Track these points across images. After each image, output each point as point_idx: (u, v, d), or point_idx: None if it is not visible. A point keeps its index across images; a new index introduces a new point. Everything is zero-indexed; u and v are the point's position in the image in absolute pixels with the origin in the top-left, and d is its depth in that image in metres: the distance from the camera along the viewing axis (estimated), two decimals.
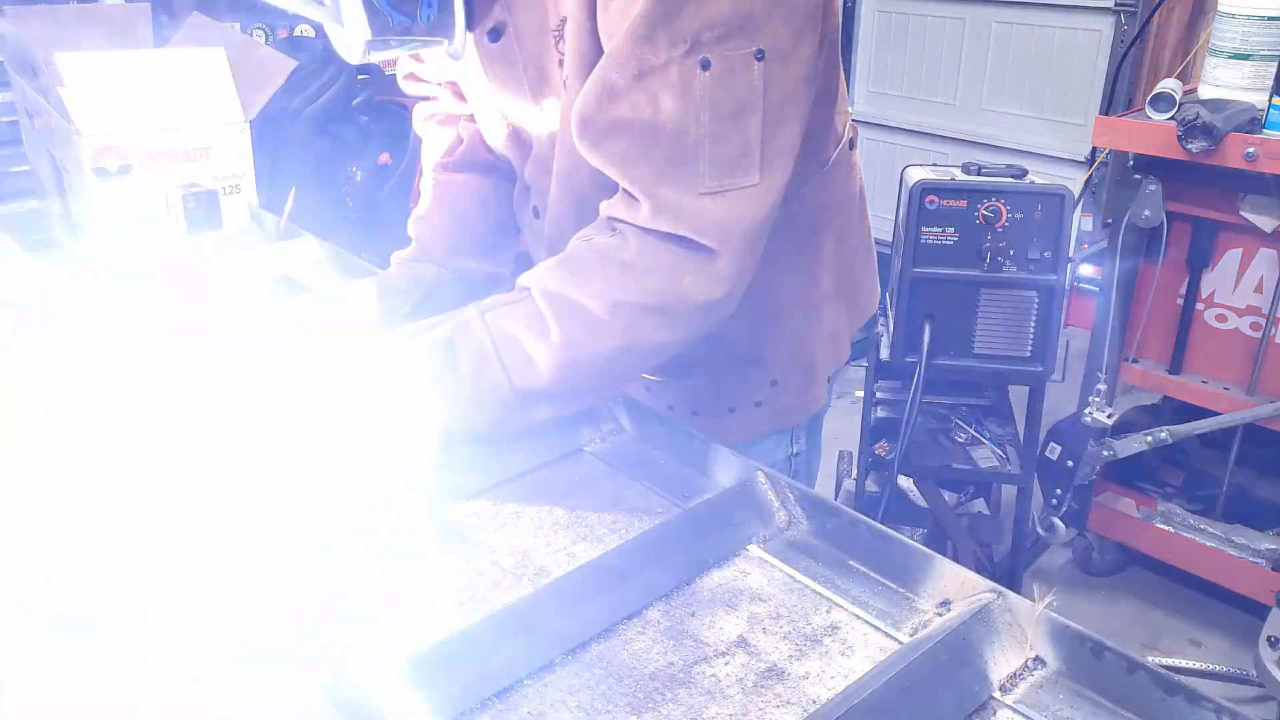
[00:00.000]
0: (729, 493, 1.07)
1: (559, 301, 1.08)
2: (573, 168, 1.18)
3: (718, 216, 1.05)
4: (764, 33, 1.01)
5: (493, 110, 1.33)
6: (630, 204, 1.08)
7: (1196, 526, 2.76)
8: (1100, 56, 3.82)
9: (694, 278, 1.07)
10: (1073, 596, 2.91)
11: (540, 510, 1.08)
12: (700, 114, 1.02)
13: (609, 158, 1.08)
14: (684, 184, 1.04)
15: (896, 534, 0.97)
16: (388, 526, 1.04)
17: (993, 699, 0.83)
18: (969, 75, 4.32)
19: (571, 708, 0.82)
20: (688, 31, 0.99)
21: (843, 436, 2.94)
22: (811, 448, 1.49)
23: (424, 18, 1.10)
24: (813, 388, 1.40)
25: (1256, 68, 2.33)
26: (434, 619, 0.91)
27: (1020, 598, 0.87)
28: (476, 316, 1.11)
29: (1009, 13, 4.12)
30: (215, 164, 1.85)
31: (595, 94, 1.06)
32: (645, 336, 1.09)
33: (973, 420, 2.72)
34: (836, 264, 1.37)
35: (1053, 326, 2.42)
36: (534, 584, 0.96)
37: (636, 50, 1.01)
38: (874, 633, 0.91)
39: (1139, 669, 0.81)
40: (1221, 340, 2.64)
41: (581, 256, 1.11)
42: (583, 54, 1.09)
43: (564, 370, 1.08)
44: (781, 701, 0.82)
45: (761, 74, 1.02)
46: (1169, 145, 2.34)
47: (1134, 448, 2.68)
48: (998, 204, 2.34)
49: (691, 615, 0.93)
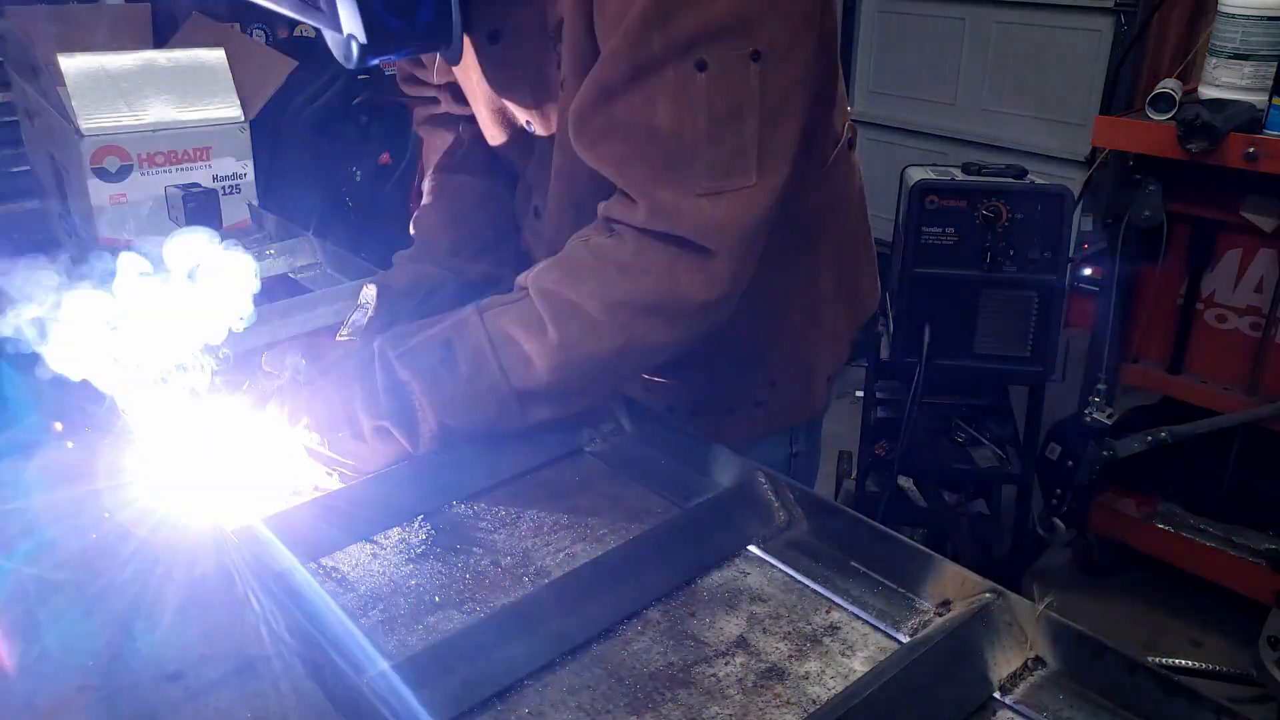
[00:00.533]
0: (729, 493, 1.07)
1: (556, 301, 1.08)
2: (570, 168, 1.18)
3: (714, 217, 1.05)
4: (760, 33, 1.01)
5: (493, 112, 1.33)
6: (627, 205, 1.08)
7: (1196, 526, 2.76)
8: (1100, 56, 3.82)
9: (691, 278, 1.07)
10: (1073, 596, 2.91)
11: (540, 510, 1.08)
12: (696, 115, 1.02)
13: (605, 159, 1.08)
14: (681, 185, 1.04)
15: (896, 534, 0.97)
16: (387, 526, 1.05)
17: (993, 699, 0.83)
18: (969, 75, 4.32)
19: (571, 708, 0.82)
20: (683, 33, 0.99)
21: (843, 436, 2.94)
22: (811, 449, 1.49)
23: (421, 23, 1.10)
24: (813, 387, 1.40)
25: (1256, 68, 2.33)
26: (434, 619, 0.91)
27: (1020, 598, 0.87)
28: (474, 316, 1.11)
29: (1009, 13, 4.12)
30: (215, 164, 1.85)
31: (591, 95, 1.06)
32: (643, 337, 1.09)
33: (973, 420, 2.73)
34: (836, 264, 1.37)
35: (1053, 326, 2.42)
36: (534, 584, 0.96)
37: (632, 51, 1.01)
38: (874, 633, 0.91)
39: (1139, 669, 0.81)
40: (1221, 340, 2.64)
41: (579, 257, 1.11)
42: (579, 55, 1.09)
43: (561, 370, 1.08)
44: (781, 701, 0.82)
45: (758, 75, 1.02)
46: (1169, 145, 2.34)
47: (1134, 448, 2.68)
48: (998, 204, 2.34)
49: (691, 615, 0.93)
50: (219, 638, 0.89)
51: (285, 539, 0.96)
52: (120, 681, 0.84)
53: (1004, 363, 2.46)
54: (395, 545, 1.02)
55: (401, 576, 0.97)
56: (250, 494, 1.09)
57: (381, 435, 1.10)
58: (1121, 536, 2.91)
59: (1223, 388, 2.64)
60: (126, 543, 1.00)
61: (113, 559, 0.98)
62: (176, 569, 0.97)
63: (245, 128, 1.87)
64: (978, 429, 2.70)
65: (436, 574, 0.98)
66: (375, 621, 0.91)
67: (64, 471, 1.11)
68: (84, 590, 0.95)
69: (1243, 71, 2.35)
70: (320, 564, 0.99)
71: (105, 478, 1.09)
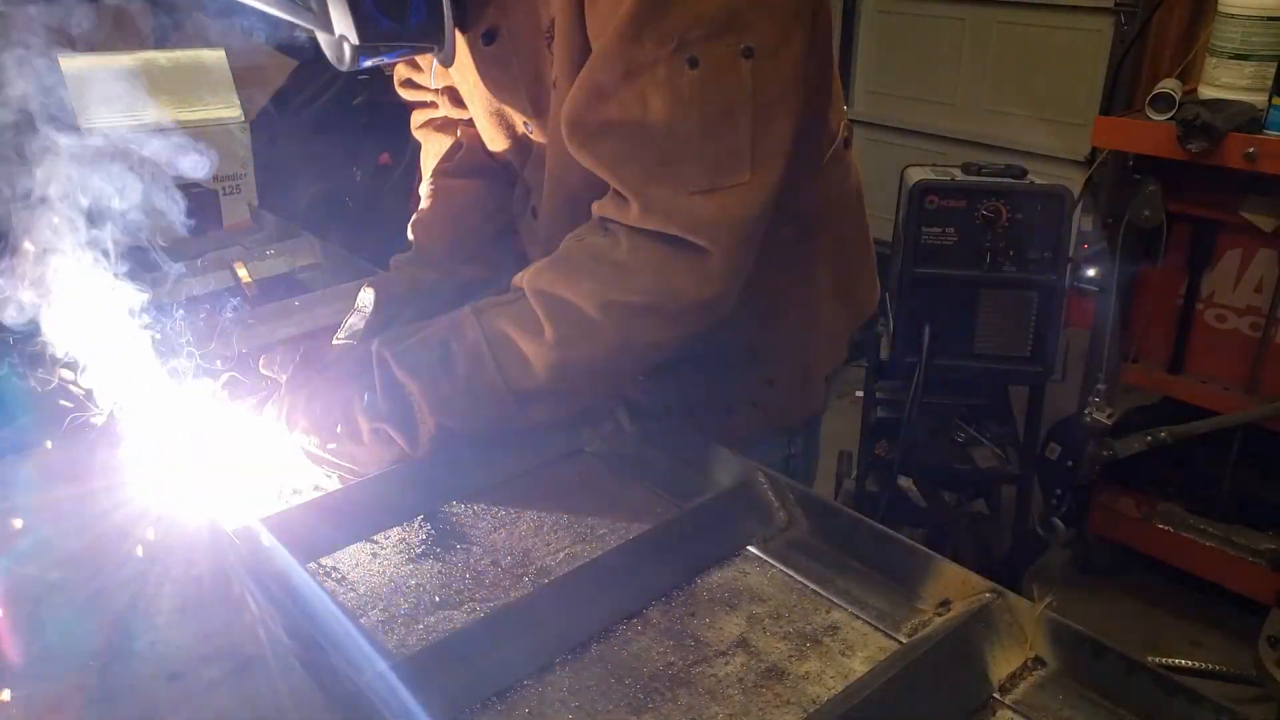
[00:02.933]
0: (729, 493, 1.07)
1: (551, 301, 1.08)
2: (565, 168, 1.18)
3: (708, 215, 1.04)
4: (751, 30, 1.01)
5: (491, 114, 1.33)
6: (621, 203, 1.07)
7: (1196, 526, 2.76)
8: (1100, 56, 3.82)
9: (686, 277, 1.06)
10: (1073, 596, 2.91)
11: (540, 510, 1.08)
12: (689, 112, 1.02)
13: (599, 158, 1.08)
14: (674, 183, 1.04)
15: (896, 534, 0.97)
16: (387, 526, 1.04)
17: (993, 699, 0.83)
18: (969, 75, 4.32)
19: (571, 708, 0.82)
20: (674, 30, 0.99)
21: (843, 436, 2.93)
22: (809, 450, 1.48)
23: (412, 23, 1.09)
24: (811, 387, 1.40)
25: (1256, 68, 2.33)
26: (434, 619, 0.91)
27: (1020, 598, 0.87)
28: (471, 317, 1.11)
29: (1009, 13, 4.12)
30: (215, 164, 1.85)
31: (584, 94, 1.05)
32: (638, 336, 1.09)
33: (973, 420, 2.72)
34: (834, 263, 1.37)
35: (1053, 326, 2.42)
36: (534, 584, 0.96)
37: (624, 50, 1.01)
38: (874, 633, 0.91)
39: (1139, 669, 0.81)
40: (1221, 340, 2.64)
41: (573, 256, 1.11)
42: (571, 54, 1.09)
43: (558, 370, 1.08)
44: (781, 701, 0.82)
45: (750, 72, 1.02)
46: (1169, 145, 2.34)
47: (1134, 448, 2.68)
48: (998, 204, 2.34)
49: (691, 615, 0.92)
50: (218, 638, 0.89)
51: (285, 539, 0.96)
52: (120, 681, 0.84)
53: (1004, 363, 2.45)
54: (395, 545, 1.02)
55: (401, 576, 0.97)
56: (250, 494, 1.09)
57: (380, 438, 1.09)
58: (1121, 536, 2.90)
59: (1223, 388, 2.63)
60: (125, 542, 1.00)
61: (111, 559, 0.98)
62: (176, 569, 0.97)
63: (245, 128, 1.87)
64: (978, 429, 2.70)
65: (436, 574, 0.98)
66: (375, 621, 0.91)
67: (62, 471, 1.11)
68: (82, 590, 0.95)
69: (1243, 71, 2.35)
70: (320, 564, 0.99)
71: (103, 477, 1.09)
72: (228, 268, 1.70)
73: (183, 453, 1.13)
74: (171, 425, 1.16)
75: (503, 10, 1.17)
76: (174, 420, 1.17)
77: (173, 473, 1.10)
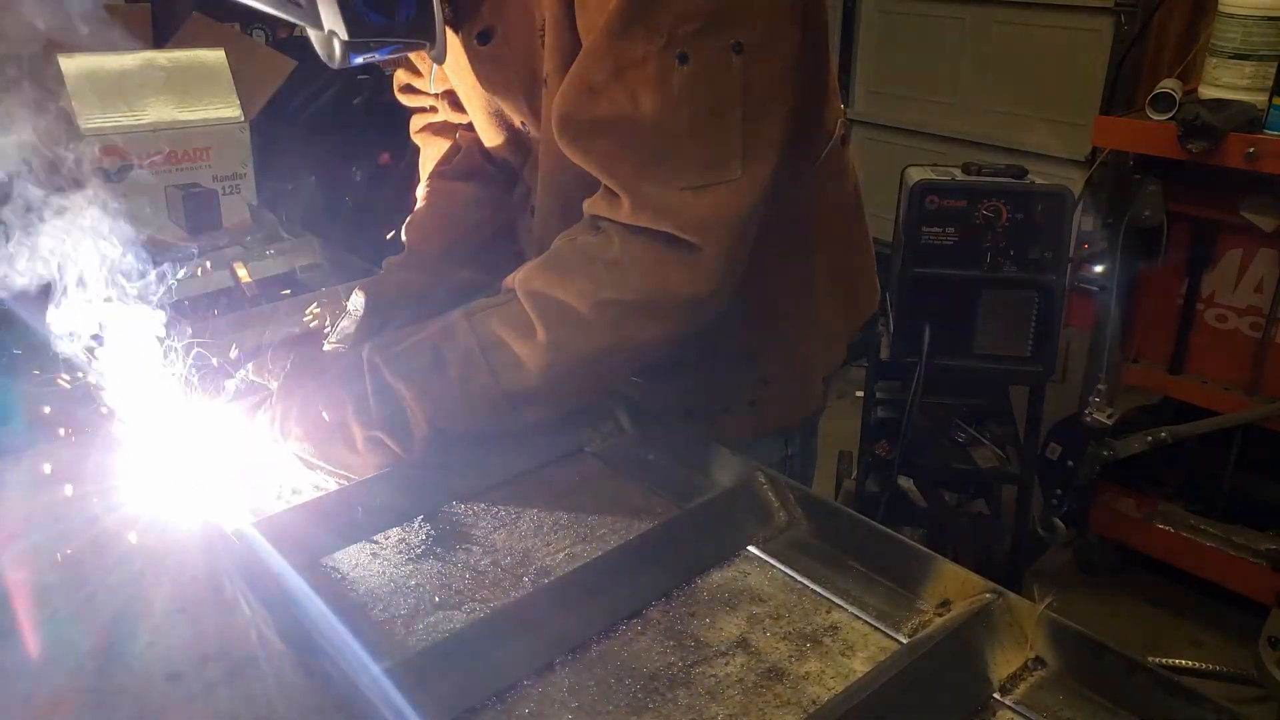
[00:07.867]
0: (729, 493, 1.06)
1: (544, 302, 1.07)
2: (557, 166, 1.17)
3: (700, 211, 1.04)
4: (741, 26, 1.00)
5: (489, 114, 1.33)
6: (612, 201, 1.07)
7: (1196, 526, 2.76)
8: (1100, 56, 3.82)
9: (679, 274, 1.06)
10: (1073, 596, 2.91)
11: (540, 510, 1.08)
12: (679, 109, 1.01)
13: (590, 155, 1.07)
14: (665, 179, 1.04)
15: (896, 534, 0.97)
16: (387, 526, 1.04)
17: (993, 699, 0.83)
18: (969, 75, 4.32)
19: (571, 708, 0.82)
20: (663, 26, 0.99)
21: (843, 436, 2.94)
22: (806, 452, 1.47)
23: (402, 19, 1.09)
24: (808, 388, 1.40)
25: (1256, 68, 2.33)
26: (434, 619, 0.91)
27: (1020, 598, 0.87)
28: (462, 320, 1.10)
29: (1009, 13, 4.12)
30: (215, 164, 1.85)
31: (574, 92, 1.05)
32: (632, 335, 1.08)
33: (973, 420, 2.72)
34: (832, 263, 1.37)
35: (1053, 326, 2.42)
36: (534, 584, 0.96)
37: (613, 46, 1.01)
38: (874, 633, 0.91)
39: (1139, 669, 0.80)
40: (1221, 340, 2.64)
41: (565, 255, 1.10)
42: (562, 52, 1.09)
43: (552, 371, 1.07)
44: (781, 701, 0.82)
45: (741, 67, 1.01)
46: (1169, 145, 2.34)
47: (1134, 448, 2.68)
48: (998, 204, 2.34)
49: (691, 615, 0.92)
50: (218, 639, 0.89)
51: (285, 539, 0.96)
52: (118, 682, 0.84)
53: (1004, 363, 2.45)
54: (395, 545, 1.02)
55: (401, 576, 0.97)
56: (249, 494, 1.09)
57: (374, 445, 1.09)
58: (1121, 536, 2.91)
59: (1223, 388, 2.64)
60: (122, 544, 0.99)
61: (109, 560, 0.98)
62: (174, 570, 0.96)
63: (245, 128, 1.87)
64: (978, 429, 2.70)
65: (436, 574, 0.98)
66: (375, 621, 0.91)
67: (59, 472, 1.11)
68: (80, 591, 0.95)
69: (1243, 71, 2.35)
70: (320, 564, 0.99)
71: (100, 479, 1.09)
72: (227, 268, 1.70)
73: (182, 453, 1.13)
74: (171, 426, 1.16)
75: (497, 9, 1.16)
76: (173, 421, 1.16)
77: (172, 473, 1.10)
